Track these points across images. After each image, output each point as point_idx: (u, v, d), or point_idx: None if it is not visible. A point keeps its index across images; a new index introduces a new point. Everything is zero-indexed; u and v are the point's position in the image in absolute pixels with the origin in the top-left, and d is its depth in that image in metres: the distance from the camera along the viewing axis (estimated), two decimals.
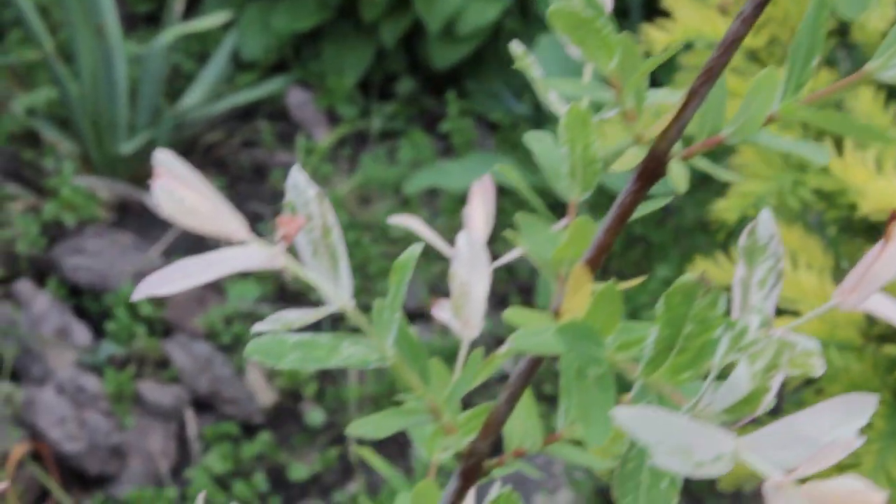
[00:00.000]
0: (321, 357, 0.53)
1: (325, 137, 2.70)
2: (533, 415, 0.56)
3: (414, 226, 0.67)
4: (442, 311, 0.66)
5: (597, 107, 0.53)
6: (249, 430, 2.16)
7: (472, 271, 0.62)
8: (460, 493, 0.57)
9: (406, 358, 0.55)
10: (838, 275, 1.26)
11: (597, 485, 1.98)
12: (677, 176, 0.47)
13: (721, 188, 1.74)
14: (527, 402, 0.56)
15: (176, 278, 0.50)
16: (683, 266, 2.17)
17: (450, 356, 2.18)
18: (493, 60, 2.69)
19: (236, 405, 2.18)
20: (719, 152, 2.15)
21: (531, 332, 0.49)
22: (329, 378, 2.24)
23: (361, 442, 2.13)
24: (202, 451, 2.13)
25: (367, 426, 0.55)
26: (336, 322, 2.24)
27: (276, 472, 2.11)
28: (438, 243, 0.66)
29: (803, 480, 0.42)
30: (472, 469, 0.56)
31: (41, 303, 2.27)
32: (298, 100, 2.75)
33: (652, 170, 0.48)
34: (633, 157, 0.48)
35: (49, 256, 2.38)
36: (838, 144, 1.21)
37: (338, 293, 0.52)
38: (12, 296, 2.30)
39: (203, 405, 2.19)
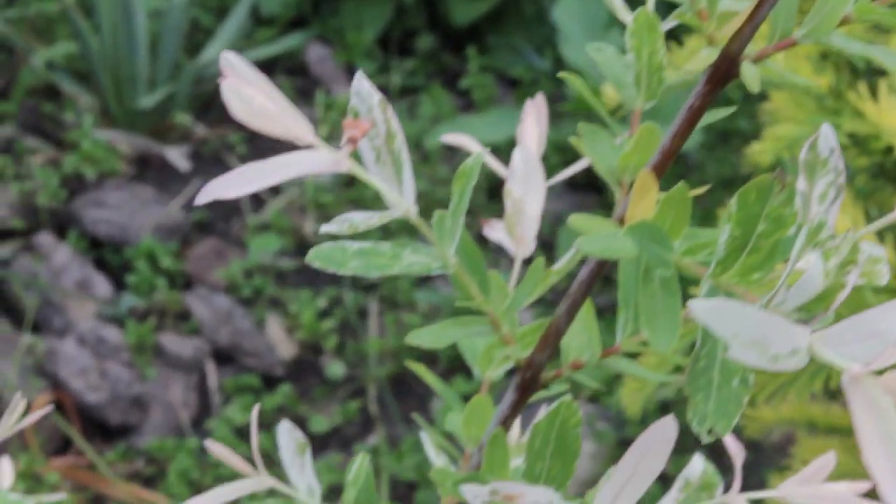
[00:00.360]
0: (383, 264, 0.53)
1: (344, 93, 2.69)
2: (592, 326, 0.56)
3: (467, 143, 0.67)
4: (494, 231, 0.66)
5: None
6: (270, 382, 2.16)
7: (526, 188, 0.62)
8: (516, 406, 0.57)
9: (467, 267, 0.55)
10: (868, 224, 1.26)
11: (619, 436, 1.98)
12: (749, 77, 0.47)
13: (741, 144, 1.74)
14: (587, 312, 0.56)
15: (244, 181, 0.49)
16: (706, 222, 2.16)
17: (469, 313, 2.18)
18: (513, 16, 2.68)
19: (257, 358, 2.18)
20: (750, 98, 2.14)
21: (597, 236, 0.49)
22: (349, 332, 2.24)
23: (382, 397, 2.13)
24: (223, 402, 2.13)
25: (427, 336, 0.55)
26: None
27: (297, 424, 2.11)
28: (492, 163, 0.66)
29: (880, 372, 0.42)
30: (529, 381, 0.56)
31: (62, 255, 2.28)
32: (318, 55, 2.74)
33: (724, 71, 0.47)
34: (705, 59, 0.47)
35: (69, 209, 2.38)
36: (872, 90, 1.21)
37: (401, 199, 0.52)
38: (33, 248, 2.30)
39: (224, 357, 2.19)
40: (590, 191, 2.48)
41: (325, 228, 0.52)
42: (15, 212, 2.37)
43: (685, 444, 0.92)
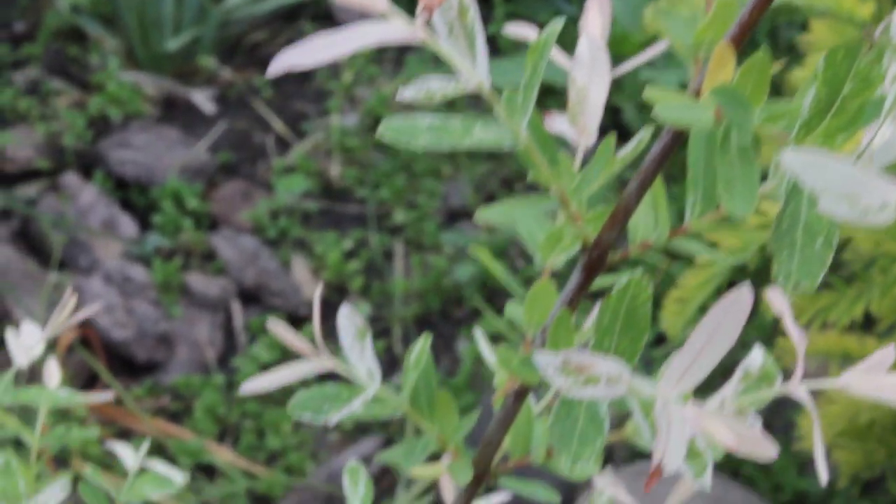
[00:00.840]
0: (454, 139, 0.53)
1: None
2: (662, 204, 0.55)
3: (527, 33, 0.66)
4: (556, 122, 0.66)
5: None
6: (295, 321, 2.16)
7: (591, 75, 0.61)
8: (582, 287, 0.57)
9: (537, 144, 0.54)
10: None
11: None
12: None
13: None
14: (657, 190, 0.55)
15: (318, 50, 0.49)
16: None
17: (496, 254, 2.18)
18: None
19: (282, 298, 2.19)
20: (790, 24, 2.13)
21: (674, 104, 0.49)
22: (374, 273, 2.24)
23: (407, 337, 2.13)
24: (248, 341, 2.14)
25: (495, 212, 0.55)
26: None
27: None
28: (557, 54, 0.65)
29: None
30: (596, 261, 0.56)
31: (88, 195, 2.28)
32: (343, 1, 2.73)
33: None
34: None
35: (95, 150, 2.38)
36: None
37: (475, 71, 0.52)
38: (59, 188, 2.30)
39: (249, 297, 2.20)
40: None
41: (403, 94, 0.51)
42: (41, 152, 2.37)
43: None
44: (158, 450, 1.96)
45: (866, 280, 1.10)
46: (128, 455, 0.80)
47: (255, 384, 0.61)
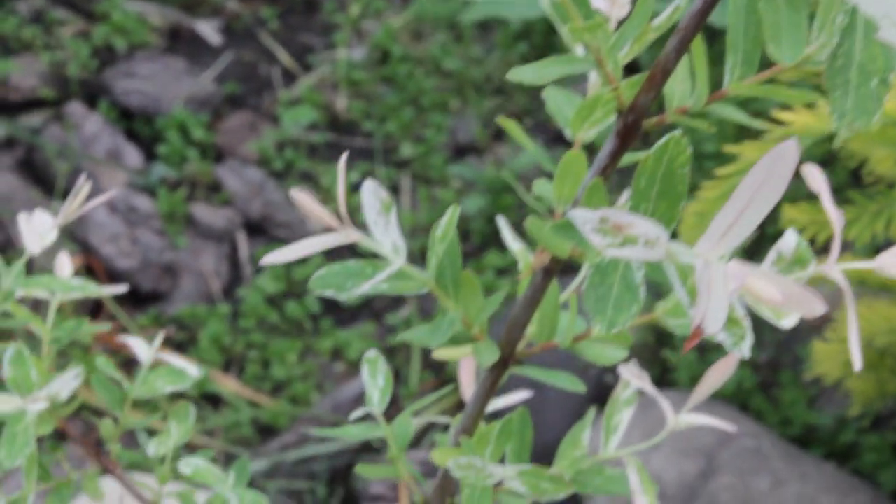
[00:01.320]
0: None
1: None
2: (702, 65, 0.53)
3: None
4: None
5: None
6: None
7: None
8: (616, 154, 0.55)
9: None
10: None
11: None
12: None
13: None
14: (697, 49, 0.53)
15: None
16: None
17: (503, 188, 2.16)
18: None
19: (288, 229, 2.17)
20: None
21: None
22: None
23: None
24: (253, 272, 2.12)
25: (528, 73, 0.53)
26: None
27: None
28: None
29: None
30: (631, 126, 0.54)
31: (92, 124, 2.25)
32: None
33: None
34: None
35: (100, 80, 2.35)
36: None
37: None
38: (63, 117, 2.28)
39: (255, 228, 2.18)
40: None
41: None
42: (45, 81, 2.34)
43: None
44: None
45: (888, 196, 1.08)
46: (141, 348, 0.78)
47: (278, 255, 0.59)
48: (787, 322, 0.60)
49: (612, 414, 0.71)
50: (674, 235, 1.11)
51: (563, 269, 0.66)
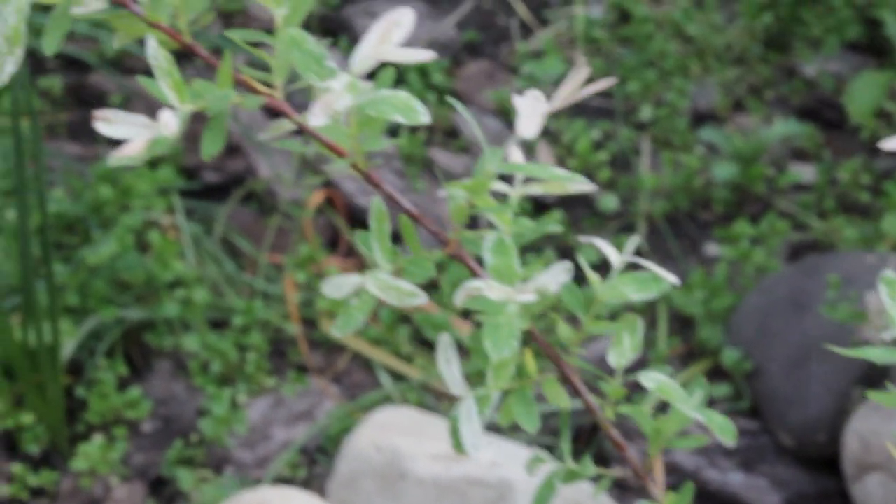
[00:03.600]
0: None
1: None
2: None
3: None
4: None
5: None
6: (541, 207, 2.11)
7: None
8: None
9: None
10: None
11: None
12: None
13: None
14: None
15: None
16: None
17: (752, 157, 2.10)
18: None
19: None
20: None
21: None
22: (621, 166, 2.18)
23: (653, 233, 2.07)
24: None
25: None
26: None
27: (565, 253, 2.06)
28: None
29: None
30: None
31: (331, 60, 2.23)
32: None
33: None
34: None
35: (341, 16, 2.34)
36: None
37: None
38: None
39: None
40: (870, 54, 2.37)
41: None
42: None
43: None
44: (403, 319, 1.92)
45: None
46: (611, 251, 0.75)
47: None
48: None
49: None
50: None
51: None
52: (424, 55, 0.65)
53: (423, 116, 0.67)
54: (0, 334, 1.65)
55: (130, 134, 0.67)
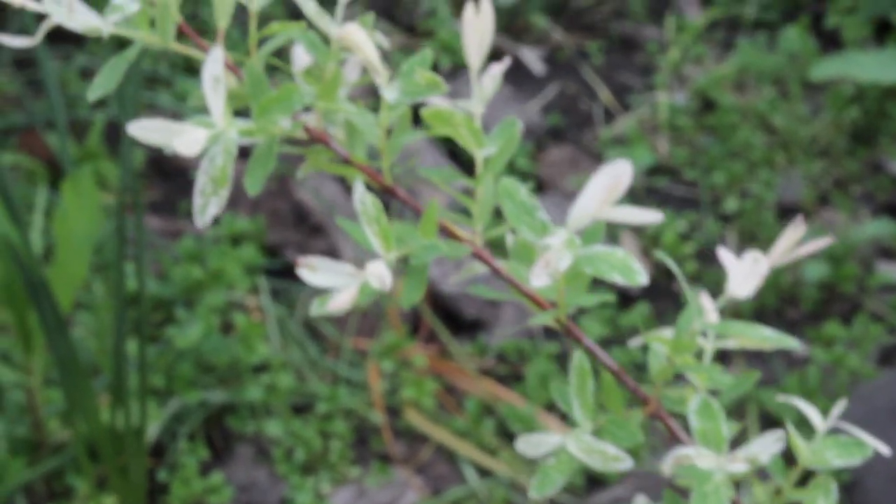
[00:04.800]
0: None
1: (697, 17, 2.59)
2: None
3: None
4: None
5: None
6: (627, 300, 2.08)
7: None
8: None
9: None
10: None
11: None
12: None
13: None
14: None
15: None
16: None
17: (844, 256, 2.06)
18: None
19: None
20: None
21: None
22: (708, 258, 2.15)
23: None
24: (577, 313, 2.07)
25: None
26: None
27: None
28: None
29: None
30: None
31: (417, 141, 2.22)
32: None
33: None
34: None
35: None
36: None
37: None
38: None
39: None
40: None
41: None
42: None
43: None
44: (488, 411, 1.90)
45: None
46: (814, 414, 0.72)
47: None
48: None
49: None
50: None
51: None
52: (652, 217, 0.63)
53: (642, 277, 0.64)
54: (88, 415, 1.63)
55: (335, 283, 0.65)
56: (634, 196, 2.23)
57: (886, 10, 2.50)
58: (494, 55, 2.45)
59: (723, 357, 1.98)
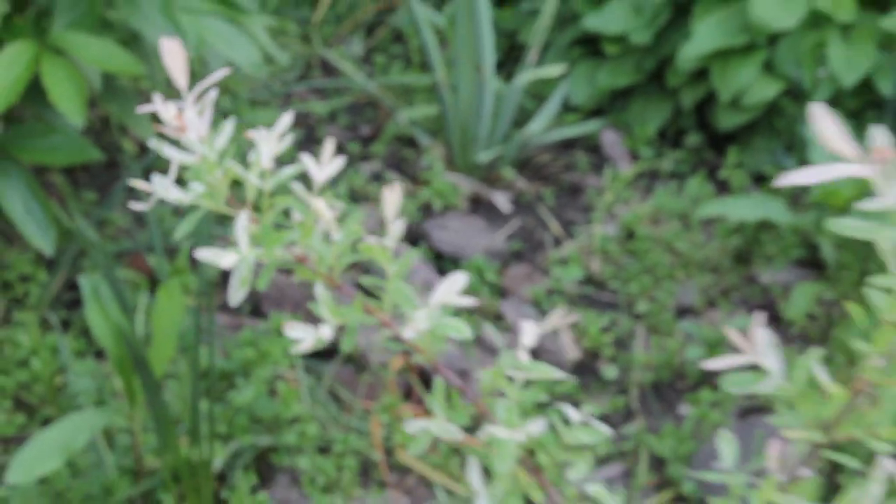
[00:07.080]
0: None
1: (627, 170, 2.99)
2: None
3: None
4: None
5: None
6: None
7: None
8: None
9: None
10: None
11: None
12: None
13: None
14: None
15: (811, 176, 0.78)
16: None
17: (717, 343, 2.43)
18: (767, 127, 2.95)
19: (552, 355, 2.48)
20: None
21: None
22: (622, 346, 2.52)
23: (643, 396, 2.39)
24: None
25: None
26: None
27: (575, 406, 2.39)
28: None
29: None
30: None
31: (414, 261, 2.62)
32: (610, 139, 3.05)
33: None
34: None
35: (421, 228, 2.73)
36: None
37: None
38: (397, 253, 2.64)
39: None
40: (810, 268, 2.72)
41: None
42: (380, 225, 2.73)
43: None
44: (455, 451, 2.27)
45: None
46: (574, 414, 1.10)
47: None
48: None
49: None
50: None
51: None
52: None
53: (467, 333, 1.03)
54: (173, 452, 2.01)
55: (302, 335, 1.04)
56: (570, 300, 2.62)
57: (762, 166, 2.89)
58: (474, 199, 2.87)
59: (628, 410, 2.34)
